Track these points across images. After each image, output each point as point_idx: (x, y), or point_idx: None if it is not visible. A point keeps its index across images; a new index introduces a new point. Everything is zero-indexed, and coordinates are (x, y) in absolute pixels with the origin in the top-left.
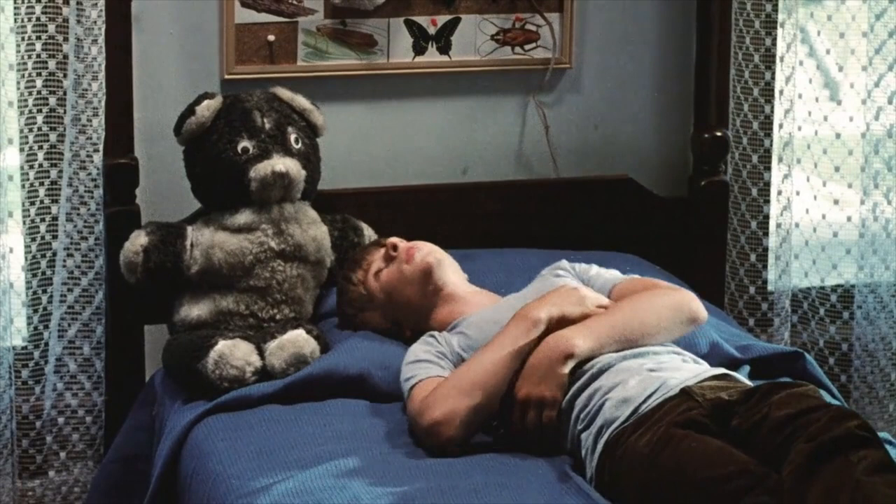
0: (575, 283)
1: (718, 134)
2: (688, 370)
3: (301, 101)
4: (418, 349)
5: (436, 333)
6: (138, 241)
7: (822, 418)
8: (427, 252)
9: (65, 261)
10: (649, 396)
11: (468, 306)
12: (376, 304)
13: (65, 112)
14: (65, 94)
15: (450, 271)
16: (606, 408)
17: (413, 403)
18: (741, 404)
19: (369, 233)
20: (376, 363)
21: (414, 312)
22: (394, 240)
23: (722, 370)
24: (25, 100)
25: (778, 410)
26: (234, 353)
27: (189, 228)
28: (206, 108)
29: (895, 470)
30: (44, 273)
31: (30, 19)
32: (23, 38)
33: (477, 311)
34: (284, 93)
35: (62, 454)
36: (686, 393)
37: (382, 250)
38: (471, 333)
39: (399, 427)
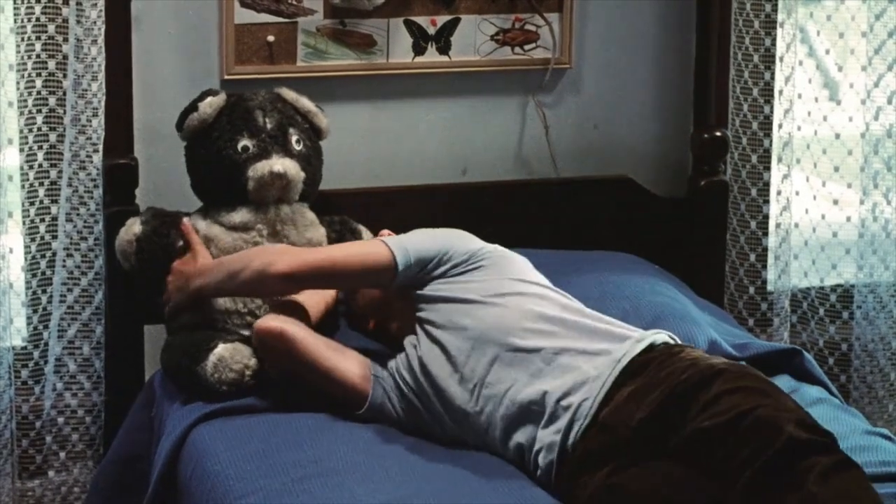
0: None
1: (718, 134)
2: (584, 375)
3: (305, 103)
4: None
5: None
6: (132, 229)
7: (755, 431)
8: None
9: (64, 261)
10: (567, 433)
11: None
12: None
13: (64, 112)
14: (64, 94)
15: None
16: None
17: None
18: (660, 419)
19: (367, 235)
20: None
21: (377, 307)
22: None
23: (622, 353)
24: (25, 100)
25: (707, 421)
26: (233, 356)
27: (185, 219)
28: (209, 105)
29: (845, 466)
30: (43, 273)
31: (29, 20)
32: (22, 39)
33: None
34: (289, 94)
35: (62, 454)
36: (603, 426)
37: None
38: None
39: (398, 428)
